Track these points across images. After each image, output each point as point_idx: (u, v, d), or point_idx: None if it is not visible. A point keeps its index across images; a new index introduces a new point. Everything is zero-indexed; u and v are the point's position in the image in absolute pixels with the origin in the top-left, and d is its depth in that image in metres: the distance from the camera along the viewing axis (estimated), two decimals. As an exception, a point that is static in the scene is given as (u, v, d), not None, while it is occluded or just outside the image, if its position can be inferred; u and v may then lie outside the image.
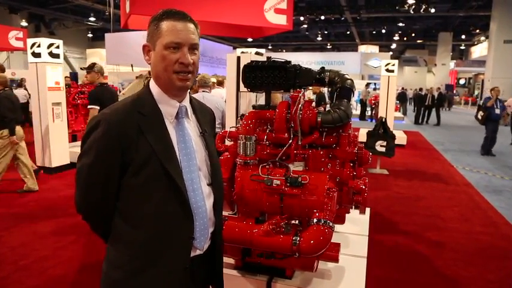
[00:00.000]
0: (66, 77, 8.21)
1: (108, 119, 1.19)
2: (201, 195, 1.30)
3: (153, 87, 1.29)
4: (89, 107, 4.59)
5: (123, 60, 12.17)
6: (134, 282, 1.23)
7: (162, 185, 1.22)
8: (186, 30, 1.23)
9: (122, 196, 1.24)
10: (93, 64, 5.20)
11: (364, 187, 2.26)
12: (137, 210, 1.23)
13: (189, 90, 1.36)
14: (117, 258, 1.26)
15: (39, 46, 6.19)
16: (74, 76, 18.80)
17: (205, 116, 1.45)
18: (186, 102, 1.34)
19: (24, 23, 21.44)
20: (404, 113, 19.45)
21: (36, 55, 6.22)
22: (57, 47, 6.38)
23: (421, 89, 18.20)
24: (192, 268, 1.30)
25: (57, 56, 6.38)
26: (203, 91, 4.49)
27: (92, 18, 22.48)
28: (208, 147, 1.38)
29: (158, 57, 1.23)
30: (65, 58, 20.43)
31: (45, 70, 6.19)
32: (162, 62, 1.22)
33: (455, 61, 31.92)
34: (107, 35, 13.14)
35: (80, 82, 10.05)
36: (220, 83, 6.55)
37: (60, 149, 6.51)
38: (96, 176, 1.22)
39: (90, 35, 29.08)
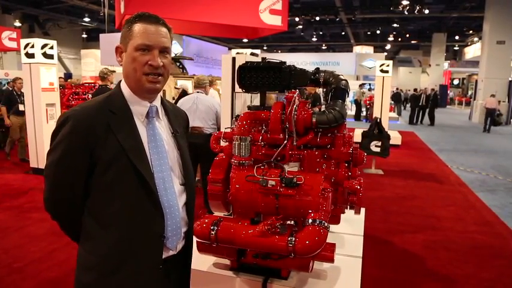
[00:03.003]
0: (60, 77, 8.16)
1: (76, 116, 1.19)
2: (174, 194, 1.30)
3: (124, 87, 1.30)
4: None
5: (117, 61, 12.12)
6: (106, 284, 1.22)
7: (131, 183, 1.21)
8: (157, 33, 1.25)
9: (91, 195, 1.23)
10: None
11: (359, 187, 2.26)
12: (107, 209, 1.22)
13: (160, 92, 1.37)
14: (88, 260, 1.25)
15: (32, 47, 6.15)
16: (68, 77, 18.70)
17: (177, 118, 1.45)
18: (157, 102, 1.35)
19: (17, 23, 21.26)
20: (399, 113, 19.54)
21: (30, 56, 6.17)
22: (51, 47, 6.34)
23: (415, 90, 18.28)
24: (166, 268, 1.30)
25: (51, 56, 6.34)
26: (197, 91, 4.49)
27: (87, 19, 22.34)
28: (180, 147, 1.38)
29: (129, 58, 1.25)
30: (59, 59, 20.31)
31: (39, 71, 6.15)
32: (132, 63, 1.24)
33: (449, 62, 32.12)
34: (101, 36, 13.07)
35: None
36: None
37: (55, 150, 6.47)
38: (64, 173, 1.22)
39: (84, 36, 28.91)
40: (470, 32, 25.55)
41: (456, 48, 32.58)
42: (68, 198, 1.24)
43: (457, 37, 27.47)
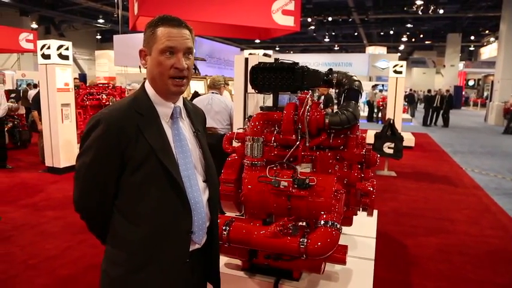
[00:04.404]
0: (75, 78, 8.29)
1: (107, 118, 1.23)
2: (198, 191, 1.35)
3: (148, 88, 1.34)
4: None
5: (131, 62, 12.22)
6: (135, 279, 1.26)
7: (160, 182, 1.26)
8: (180, 35, 1.27)
9: (121, 194, 1.27)
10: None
11: (371, 189, 2.25)
12: (137, 207, 1.26)
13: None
14: (117, 256, 1.29)
15: (49, 48, 6.26)
16: (82, 77, 18.98)
17: (197, 117, 1.50)
18: (180, 103, 1.39)
19: (34, 25, 21.69)
20: (413, 115, 19.31)
21: (46, 57, 6.29)
22: (67, 48, 6.44)
23: (429, 91, 18.02)
24: (192, 262, 1.35)
25: (66, 57, 6.45)
26: (212, 92, 4.50)
27: (101, 20, 22.66)
28: (202, 146, 1.43)
29: (154, 62, 1.27)
30: (74, 60, 20.63)
31: (54, 71, 6.26)
32: (158, 67, 1.27)
33: (464, 62, 31.59)
34: (115, 37, 13.23)
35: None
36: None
37: (69, 149, 6.58)
38: (96, 174, 1.25)
39: (98, 37, 29.32)
40: (486, 32, 25.12)
41: (471, 48, 32.05)
42: (99, 198, 1.28)
43: (472, 37, 27.04)
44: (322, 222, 1.92)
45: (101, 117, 1.23)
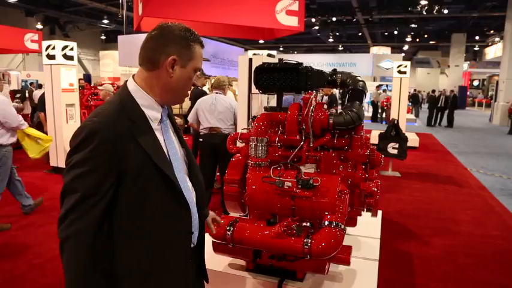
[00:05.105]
0: (80, 79, 8.33)
1: (101, 128, 1.15)
2: (190, 192, 1.36)
3: (137, 91, 1.27)
4: None
5: (135, 62, 12.27)
6: None
7: (160, 189, 1.24)
8: None
9: (120, 205, 1.21)
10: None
11: (376, 190, 2.24)
12: (139, 217, 1.23)
13: None
14: (120, 270, 1.24)
15: (53, 48, 6.29)
16: (87, 78, 19.06)
17: (172, 116, 1.49)
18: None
19: (39, 26, 21.79)
20: (417, 115, 19.23)
21: (51, 57, 6.32)
22: (71, 49, 6.47)
23: (433, 91, 17.91)
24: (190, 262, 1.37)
25: (71, 58, 6.47)
26: (216, 92, 4.51)
27: (106, 21, 22.73)
28: (183, 143, 1.43)
29: (186, 76, 1.30)
30: (79, 60, 20.71)
31: (59, 72, 6.29)
32: (188, 81, 1.32)
33: (468, 62, 31.43)
34: (119, 37, 13.30)
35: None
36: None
37: (74, 149, 6.60)
38: (92, 187, 1.15)
39: (103, 37, 29.43)
40: (491, 32, 24.97)
41: (476, 48, 31.88)
42: (93, 214, 1.17)
43: (477, 37, 26.88)
44: (327, 222, 1.91)
45: (92, 127, 1.15)
